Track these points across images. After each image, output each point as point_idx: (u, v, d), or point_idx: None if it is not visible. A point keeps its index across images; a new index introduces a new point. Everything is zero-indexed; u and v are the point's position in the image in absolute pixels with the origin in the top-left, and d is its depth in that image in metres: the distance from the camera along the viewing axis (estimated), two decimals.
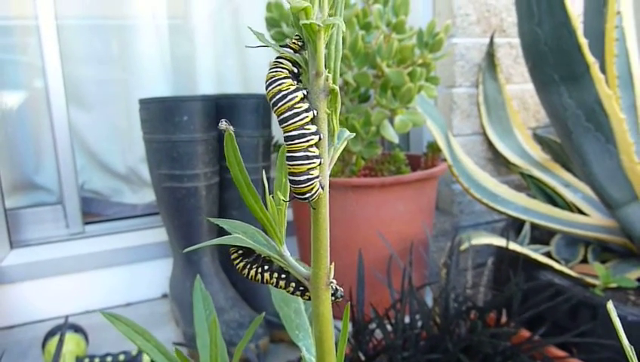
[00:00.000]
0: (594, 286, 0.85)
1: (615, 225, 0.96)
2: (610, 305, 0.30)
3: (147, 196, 1.23)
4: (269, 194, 0.28)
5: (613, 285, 0.85)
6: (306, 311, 0.31)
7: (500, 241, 0.89)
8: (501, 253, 0.94)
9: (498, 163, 1.24)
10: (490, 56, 1.17)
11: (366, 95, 1.00)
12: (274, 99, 0.24)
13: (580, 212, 1.06)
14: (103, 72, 1.18)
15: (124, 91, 1.18)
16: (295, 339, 0.30)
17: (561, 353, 0.76)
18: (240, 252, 0.28)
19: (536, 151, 1.19)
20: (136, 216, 1.17)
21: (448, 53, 1.05)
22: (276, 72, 0.24)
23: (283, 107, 0.24)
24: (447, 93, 1.18)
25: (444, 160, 1.00)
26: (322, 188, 0.25)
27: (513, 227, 1.10)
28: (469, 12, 1.15)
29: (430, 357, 0.67)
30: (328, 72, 0.24)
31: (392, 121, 0.94)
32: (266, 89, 0.25)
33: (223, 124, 0.25)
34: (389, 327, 0.72)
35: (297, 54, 0.25)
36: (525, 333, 0.76)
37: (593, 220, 1.02)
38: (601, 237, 0.97)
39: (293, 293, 0.27)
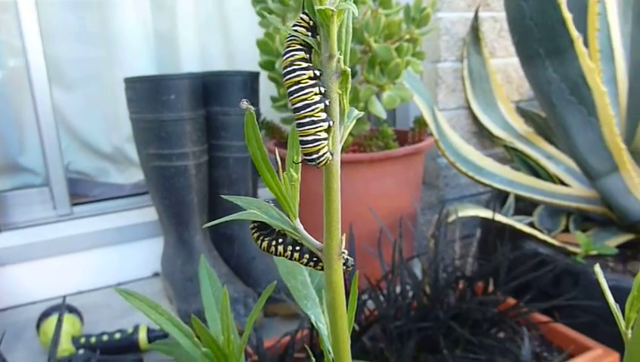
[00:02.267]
0: (575, 254, 0.88)
1: (595, 195, 0.99)
2: (597, 268, 0.32)
3: (134, 176, 1.22)
4: (283, 171, 0.29)
5: (594, 252, 0.88)
6: (312, 282, 0.33)
7: (486, 213, 0.92)
8: (487, 224, 0.97)
9: (482, 136, 1.26)
10: (475, 30, 1.18)
11: (353, 71, 1.00)
12: (284, 72, 0.25)
13: (562, 183, 1.09)
14: (84, 49, 1.16)
15: (107, 69, 1.17)
16: (305, 309, 0.31)
17: (544, 318, 0.79)
18: (256, 225, 0.29)
19: (519, 125, 1.22)
20: (124, 196, 1.17)
21: (434, 28, 1.06)
22: (290, 47, 0.25)
23: (291, 81, 0.25)
24: (432, 68, 1.19)
25: (431, 134, 1.02)
26: (332, 155, 0.26)
27: (498, 199, 1.12)
28: None
29: (421, 326, 0.70)
30: (340, 55, 0.25)
31: (379, 97, 0.94)
32: (283, 58, 0.26)
33: (245, 104, 0.26)
34: (381, 298, 0.75)
35: (310, 37, 0.25)
36: (511, 301, 0.79)
37: (574, 191, 1.05)
38: (582, 207, 1.00)
39: (306, 264, 0.28)
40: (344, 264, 0.27)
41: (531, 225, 1.01)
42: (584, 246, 0.88)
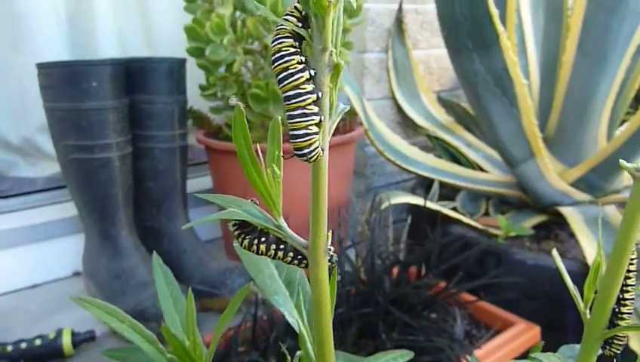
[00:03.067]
0: (497, 236, 0.94)
1: (512, 180, 1.06)
2: (554, 252, 0.34)
3: (47, 169, 1.13)
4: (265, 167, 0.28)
5: (513, 234, 0.94)
6: (279, 276, 0.32)
7: (416, 200, 0.95)
8: (415, 210, 1.00)
9: (406, 125, 1.30)
10: (399, 22, 1.21)
11: None
12: (272, 58, 0.24)
13: (481, 169, 1.16)
14: None
15: (15, 54, 1.06)
16: (276, 304, 0.31)
17: (472, 298, 0.84)
18: (238, 224, 0.28)
19: (440, 114, 1.27)
20: (37, 191, 1.08)
21: (365, 19, 1.07)
22: (279, 34, 0.24)
23: (279, 67, 0.24)
24: (358, 58, 1.20)
25: (361, 124, 1.03)
26: (322, 150, 0.25)
27: (422, 185, 1.17)
28: None
29: (362, 312, 0.71)
30: (333, 48, 0.25)
31: None
32: (271, 45, 0.25)
33: (234, 100, 0.25)
34: None
35: (301, 28, 0.25)
36: (442, 283, 0.83)
37: (493, 177, 1.11)
38: (500, 192, 1.07)
39: (290, 263, 0.27)
40: (329, 260, 0.27)
41: (454, 209, 1.06)
42: (504, 229, 0.94)
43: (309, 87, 0.24)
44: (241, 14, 0.93)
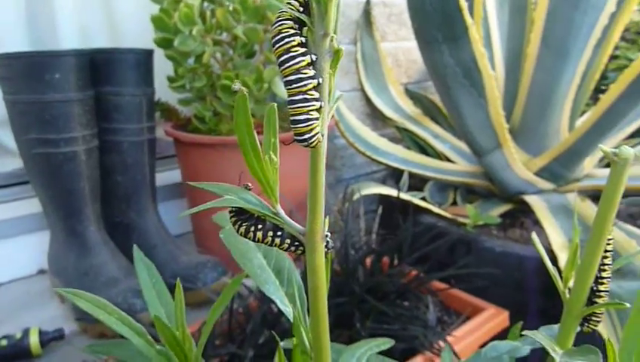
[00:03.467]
0: (465, 224, 0.96)
1: (478, 170, 1.09)
2: (534, 236, 0.35)
3: (7, 164, 1.09)
4: (263, 156, 0.28)
5: (481, 222, 0.97)
6: (268, 264, 0.32)
7: (387, 190, 0.96)
8: (386, 200, 1.02)
9: (375, 117, 1.31)
10: (367, 14, 1.22)
11: (252, 50, 0.98)
12: (273, 40, 0.24)
13: (448, 160, 1.18)
14: None
15: None
16: (267, 293, 0.31)
17: (443, 286, 0.86)
18: (234, 211, 0.28)
19: (408, 106, 1.29)
20: None
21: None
22: (280, 17, 0.24)
23: (280, 49, 0.24)
24: None
25: (332, 116, 1.03)
26: (322, 135, 0.26)
27: (392, 176, 1.18)
28: None
29: (338, 301, 0.72)
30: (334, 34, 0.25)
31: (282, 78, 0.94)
32: (272, 27, 0.25)
33: (237, 85, 0.25)
34: None
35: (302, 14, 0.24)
36: (414, 272, 0.85)
37: (460, 167, 1.14)
38: (467, 182, 1.09)
39: (287, 250, 0.28)
40: (325, 246, 0.27)
41: (423, 199, 1.08)
42: (473, 217, 0.96)
43: (311, 72, 0.24)
44: (209, 4, 0.92)
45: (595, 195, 0.99)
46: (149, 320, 0.81)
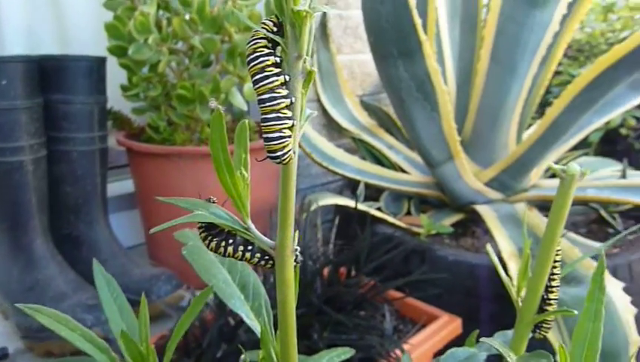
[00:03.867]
0: (419, 234, 0.99)
1: (431, 181, 1.12)
2: (488, 247, 0.37)
3: None
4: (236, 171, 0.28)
5: (434, 232, 1.00)
6: (233, 280, 0.32)
7: (344, 201, 0.97)
8: (343, 210, 1.03)
9: (331, 128, 1.32)
10: (324, 26, 1.23)
11: (208, 61, 0.98)
12: (248, 59, 0.25)
13: (403, 171, 1.21)
14: None
15: None
16: (233, 308, 0.30)
17: (399, 295, 0.87)
18: (204, 226, 0.28)
19: (363, 118, 1.31)
20: None
21: None
22: (255, 35, 0.24)
23: (255, 68, 0.24)
24: None
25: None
26: (294, 152, 0.26)
27: (348, 187, 1.20)
28: None
29: (296, 313, 0.72)
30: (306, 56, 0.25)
31: (239, 89, 0.94)
32: (246, 46, 0.25)
33: (214, 103, 0.25)
34: None
35: (275, 34, 0.25)
36: (371, 282, 0.86)
37: (413, 178, 1.16)
38: (421, 192, 1.12)
39: (257, 264, 0.28)
40: (294, 260, 0.27)
41: (379, 209, 1.10)
42: (426, 227, 0.99)
43: (284, 92, 0.25)
44: (164, 13, 0.91)
45: (541, 205, 1.03)
46: (100, 336, 0.79)
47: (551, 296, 0.32)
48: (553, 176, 1.19)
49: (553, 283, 0.32)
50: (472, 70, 1.02)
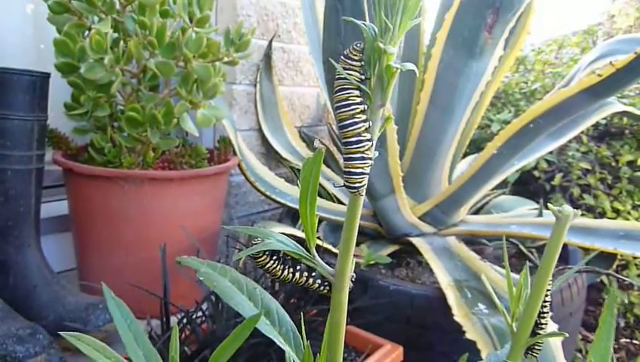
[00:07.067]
0: (359, 264, 1.02)
1: (368, 213, 1.17)
2: (484, 274, 0.40)
3: None
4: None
5: (372, 262, 1.04)
6: (255, 306, 0.33)
7: (290, 230, 0.99)
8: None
9: (270, 157, 1.34)
10: (268, 58, 1.26)
11: (156, 84, 0.97)
12: (339, 104, 0.27)
13: (340, 202, 1.25)
14: None
15: None
16: (264, 331, 0.31)
17: None
18: (267, 253, 0.29)
19: (302, 148, 1.34)
20: None
21: (251, 53, 1.09)
22: (346, 84, 0.26)
23: (346, 114, 0.26)
24: (227, 90, 1.22)
25: (235, 154, 1.04)
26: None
27: (288, 215, 1.22)
28: (250, 13, 1.21)
29: (251, 342, 0.72)
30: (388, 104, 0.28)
31: (190, 114, 0.93)
32: (334, 93, 0.27)
33: (317, 142, 0.26)
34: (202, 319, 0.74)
35: (361, 82, 0.27)
36: (313, 311, 0.88)
37: None
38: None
39: (317, 289, 0.29)
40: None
41: (318, 239, 1.13)
42: (366, 257, 1.03)
43: (368, 135, 0.27)
44: (115, 34, 0.89)
45: (468, 239, 1.12)
46: None
47: (542, 320, 0.36)
48: (477, 212, 1.29)
49: (544, 310, 0.36)
50: (411, 110, 1.09)
